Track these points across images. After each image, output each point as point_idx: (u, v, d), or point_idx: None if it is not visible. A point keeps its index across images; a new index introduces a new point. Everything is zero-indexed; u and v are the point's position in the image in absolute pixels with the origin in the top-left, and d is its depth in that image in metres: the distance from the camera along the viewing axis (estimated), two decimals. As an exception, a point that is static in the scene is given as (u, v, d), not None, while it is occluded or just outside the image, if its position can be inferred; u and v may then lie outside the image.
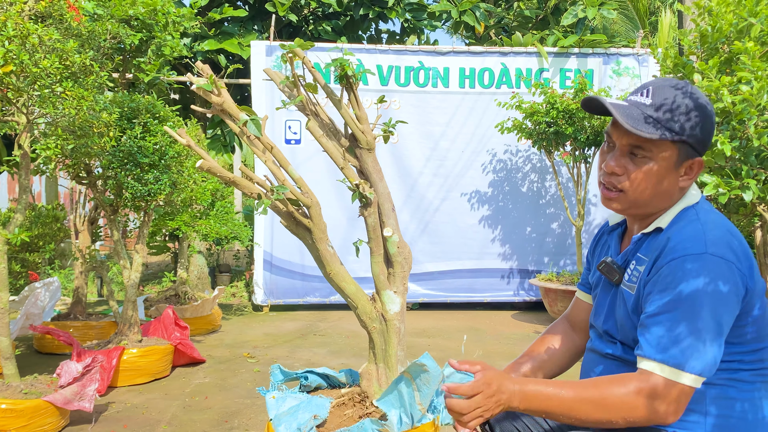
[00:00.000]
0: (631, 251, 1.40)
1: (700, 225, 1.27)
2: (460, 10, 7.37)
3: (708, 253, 1.22)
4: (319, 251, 2.07)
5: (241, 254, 9.16)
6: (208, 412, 3.36)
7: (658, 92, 1.30)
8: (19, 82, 2.63)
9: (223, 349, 4.79)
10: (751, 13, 3.38)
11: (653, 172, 1.30)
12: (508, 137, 6.33)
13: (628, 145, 1.32)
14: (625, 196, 1.34)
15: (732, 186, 3.00)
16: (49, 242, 4.35)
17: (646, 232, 1.37)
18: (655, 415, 1.21)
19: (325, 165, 6.46)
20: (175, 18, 4.73)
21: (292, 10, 7.31)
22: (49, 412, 2.89)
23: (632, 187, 1.32)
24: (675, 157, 1.30)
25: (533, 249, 6.65)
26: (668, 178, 1.31)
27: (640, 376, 1.23)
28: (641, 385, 1.22)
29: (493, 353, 4.70)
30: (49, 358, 4.34)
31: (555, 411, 1.24)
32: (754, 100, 2.91)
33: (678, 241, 1.26)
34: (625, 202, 1.35)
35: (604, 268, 1.43)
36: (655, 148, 1.29)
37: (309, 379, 2.18)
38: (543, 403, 1.24)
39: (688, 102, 1.28)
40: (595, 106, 1.39)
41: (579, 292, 1.68)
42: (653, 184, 1.31)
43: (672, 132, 1.27)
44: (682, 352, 1.20)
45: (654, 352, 1.23)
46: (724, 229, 1.27)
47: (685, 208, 1.34)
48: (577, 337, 1.65)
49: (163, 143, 3.72)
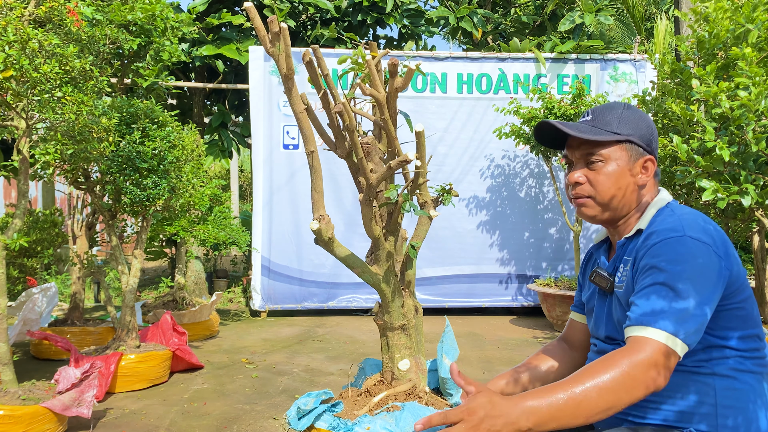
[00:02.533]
0: (618, 256, 1.47)
1: (677, 216, 1.37)
2: (457, 16, 7.40)
3: (686, 235, 1.30)
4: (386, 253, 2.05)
5: (239, 259, 9.15)
6: (207, 418, 3.35)
7: (597, 111, 1.50)
8: (18, 86, 2.62)
9: (221, 354, 4.77)
10: (748, 19, 3.40)
11: (611, 173, 1.43)
12: (506, 143, 6.34)
13: (582, 156, 1.47)
14: (593, 200, 1.46)
15: (730, 191, 3.01)
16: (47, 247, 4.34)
17: (629, 235, 1.45)
18: (652, 382, 1.21)
19: (323, 170, 6.46)
20: (173, 23, 4.73)
21: (291, 16, 7.32)
22: (48, 419, 2.87)
23: (597, 191, 1.45)
24: (626, 156, 1.44)
25: (531, 254, 6.66)
26: (626, 177, 1.44)
27: (633, 347, 1.23)
28: (639, 354, 1.21)
29: (492, 358, 4.69)
30: (47, 364, 4.32)
31: (565, 414, 1.19)
32: (752, 105, 2.92)
33: (657, 230, 1.35)
34: (595, 207, 1.46)
35: (595, 277, 1.51)
36: (605, 151, 1.44)
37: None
38: (551, 410, 1.18)
39: (623, 110, 1.48)
40: (547, 135, 1.54)
41: (573, 314, 1.72)
42: (614, 183, 1.43)
43: (614, 133, 1.44)
44: (673, 319, 1.23)
45: (644, 318, 1.25)
46: (699, 218, 1.37)
47: (660, 208, 1.44)
48: (575, 354, 1.68)
49: (162, 148, 3.72)
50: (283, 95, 6.37)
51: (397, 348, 2.04)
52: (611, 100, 6.19)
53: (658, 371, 1.21)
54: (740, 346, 1.32)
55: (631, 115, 1.47)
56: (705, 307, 1.26)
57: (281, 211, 6.42)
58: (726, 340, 1.32)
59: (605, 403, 1.19)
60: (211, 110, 8.36)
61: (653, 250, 1.32)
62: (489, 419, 1.16)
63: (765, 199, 3.07)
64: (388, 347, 2.05)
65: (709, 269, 1.27)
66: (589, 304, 1.58)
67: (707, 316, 1.26)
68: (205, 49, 6.87)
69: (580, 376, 1.22)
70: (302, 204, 6.43)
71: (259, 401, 3.61)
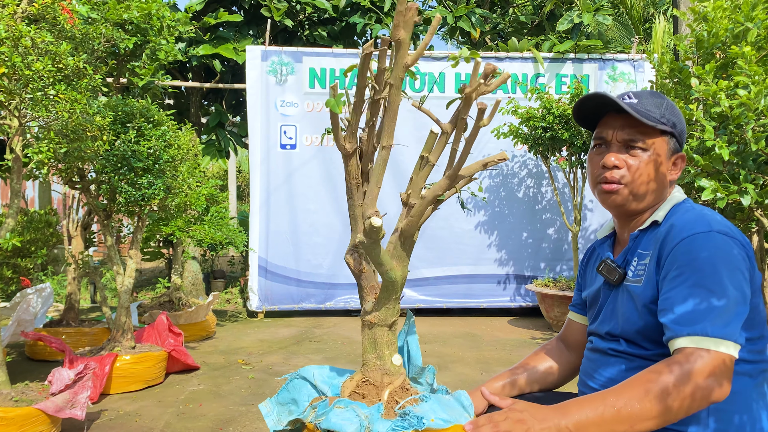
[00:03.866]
0: (630, 249, 1.42)
1: (698, 212, 1.34)
2: (455, 16, 7.38)
3: (714, 230, 1.26)
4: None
5: (236, 260, 9.12)
6: (203, 419, 3.32)
7: (642, 95, 1.42)
8: (11, 84, 2.59)
9: (217, 355, 4.74)
10: (747, 17, 3.38)
11: (650, 163, 1.37)
12: (504, 142, 6.32)
13: (623, 140, 1.39)
14: (625, 188, 1.39)
15: (730, 190, 2.99)
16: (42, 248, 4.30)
17: (643, 228, 1.40)
18: (714, 393, 1.17)
19: (321, 170, 6.44)
20: (170, 22, 4.70)
21: (288, 16, 7.30)
22: (40, 420, 2.84)
23: (633, 178, 1.38)
24: (666, 149, 1.39)
25: (529, 254, 6.63)
26: (661, 170, 1.39)
27: (686, 357, 1.18)
28: (695, 364, 1.17)
29: (489, 359, 4.67)
30: (41, 365, 4.29)
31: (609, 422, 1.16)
32: (752, 104, 2.90)
33: (683, 224, 1.30)
34: (625, 195, 1.40)
35: (604, 268, 1.45)
36: (649, 140, 1.38)
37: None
38: (597, 420, 1.16)
39: (666, 102, 1.42)
40: (586, 108, 1.45)
41: (571, 314, 1.69)
42: (651, 174, 1.37)
43: (663, 123, 1.37)
44: (719, 323, 1.19)
45: (691, 329, 1.20)
46: (720, 216, 1.34)
47: (677, 203, 1.40)
48: (571, 355, 1.66)
49: (158, 147, 3.69)
50: (280, 95, 6.35)
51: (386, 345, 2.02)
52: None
53: (718, 381, 1.17)
54: (744, 349, 1.28)
55: (673, 106, 1.42)
56: (744, 303, 1.22)
57: (278, 211, 6.39)
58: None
59: (655, 412, 1.15)
60: (208, 110, 8.34)
61: (681, 246, 1.27)
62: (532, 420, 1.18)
63: (764, 198, 3.05)
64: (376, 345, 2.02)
65: (740, 264, 1.24)
66: (592, 298, 1.54)
67: (746, 307, 1.23)
68: (201, 49, 6.85)
69: (632, 384, 1.19)
70: (299, 204, 6.41)
71: (255, 403, 3.58)
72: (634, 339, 1.36)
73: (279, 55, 6.35)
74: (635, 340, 1.36)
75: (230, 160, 9.59)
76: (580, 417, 1.16)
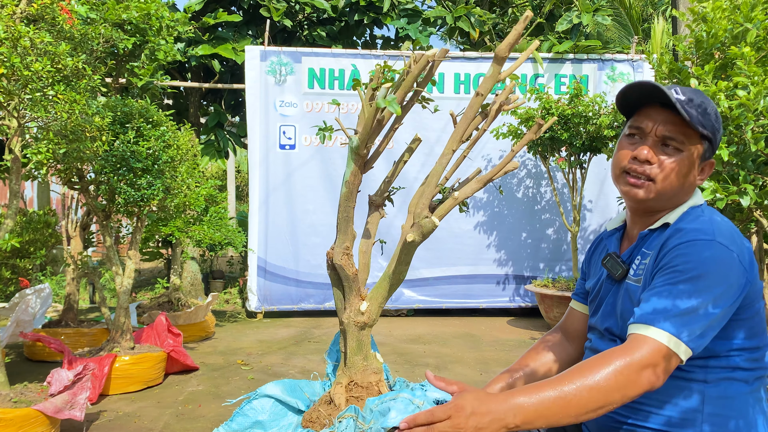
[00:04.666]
0: (637, 247, 1.41)
1: (708, 219, 1.31)
2: (455, 16, 7.38)
3: (716, 240, 1.24)
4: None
5: (235, 260, 9.11)
6: (202, 420, 3.31)
7: (690, 93, 1.35)
8: (10, 85, 2.59)
9: (216, 356, 4.74)
10: (746, 18, 3.38)
11: (683, 164, 1.33)
12: (503, 143, 6.32)
13: (661, 135, 1.34)
14: (653, 185, 1.35)
15: (729, 191, 2.99)
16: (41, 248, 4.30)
17: (653, 227, 1.38)
18: (646, 382, 1.17)
19: (319, 170, 6.44)
20: (169, 22, 4.69)
21: (287, 16, 7.29)
22: (39, 421, 2.83)
23: (662, 176, 1.34)
24: (700, 153, 1.35)
25: (529, 255, 6.63)
26: (692, 173, 1.35)
27: (630, 345, 1.19)
28: (635, 353, 1.17)
29: (489, 359, 4.67)
30: (40, 365, 4.28)
31: (554, 412, 1.16)
32: (751, 105, 2.90)
33: (687, 230, 1.29)
34: (652, 192, 1.36)
35: (609, 261, 1.44)
36: (687, 140, 1.33)
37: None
38: (539, 408, 1.15)
39: (711, 105, 1.35)
40: (631, 94, 1.38)
41: (573, 302, 1.67)
42: (681, 176, 1.34)
43: (705, 128, 1.32)
44: (678, 321, 1.18)
45: (648, 316, 1.21)
46: (730, 226, 1.31)
47: (692, 207, 1.37)
48: (570, 347, 1.64)
49: (157, 148, 3.68)
50: (279, 95, 6.34)
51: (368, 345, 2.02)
52: (609, 101, 6.17)
53: (654, 372, 1.17)
54: (742, 356, 1.29)
55: (715, 113, 1.35)
56: (716, 314, 1.21)
57: (278, 211, 6.38)
58: (729, 349, 1.28)
59: (596, 402, 1.16)
60: (207, 110, 8.33)
61: (679, 249, 1.26)
62: (476, 416, 1.13)
63: (764, 199, 3.05)
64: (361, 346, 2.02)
65: (730, 278, 1.23)
66: (594, 290, 1.53)
67: (718, 322, 1.22)
68: (201, 49, 6.84)
69: (572, 373, 1.19)
70: (298, 204, 6.40)
71: (255, 403, 3.58)
72: None
73: (278, 55, 6.35)
74: None
75: (229, 160, 9.59)
76: (528, 409, 1.14)
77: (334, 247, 1.97)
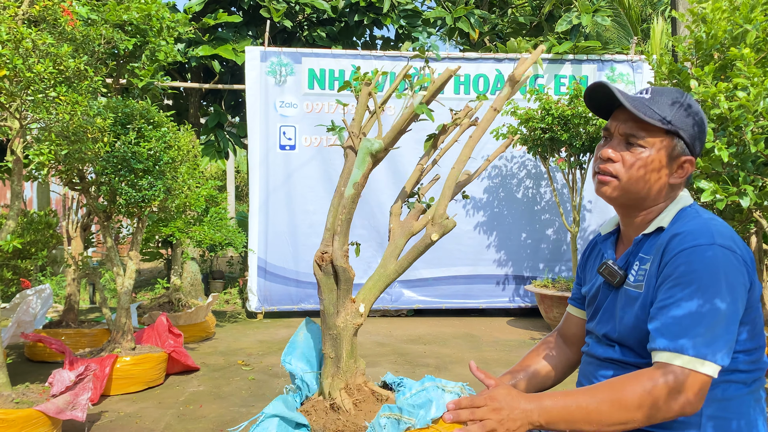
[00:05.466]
0: (633, 252, 1.41)
1: (703, 221, 1.31)
2: (454, 17, 7.39)
3: (716, 244, 1.25)
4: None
5: (235, 261, 9.11)
6: (203, 421, 3.32)
7: (656, 91, 1.39)
8: (12, 86, 2.59)
9: (217, 356, 4.74)
10: (746, 19, 3.39)
11: (647, 161, 1.34)
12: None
13: (624, 133, 1.37)
14: (617, 182, 1.37)
15: (729, 192, 2.99)
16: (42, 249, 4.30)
17: (647, 232, 1.38)
18: (678, 407, 1.19)
19: (319, 171, 6.44)
20: (169, 23, 4.70)
21: (287, 16, 7.30)
22: (41, 422, 2.84)
23: (626, 173, 1.36)
24: (669, 150, 1.35)
25: (528, 255, 6.64)
26: (661, 171, 1.35)
27: (658, 370, 1.21)
28: (661, 378, 1.20)
29: (489, 360, 4.68)
30: (41, 366, 4.29)
31: (576, 419, 1.23)
32: (751, 106, 2.91)
33: (685, 233, 1.29)
34: (618, 188, 1.38)
35: (605, 270, 1.44)
36: (650, 137, 1.34)
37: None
38: (563, 412, 1.23)
39: (684, 100, 1.37)
40: (597, 98, 1.43)
41: (570, 307, 1.69)
42: (646, 172, 1.35)
43: (667, 122, 1.33)
44: (701, 341, 1.19)
45: (670, 343, 1.21)
46: (726, 226, 1.32)
47: (683, 208, 1.37)
48: (569, 351, 1.66)
49: (158, 149, 3.69)
50: (279, 95, 6.35)
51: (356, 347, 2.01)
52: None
53: (685, 396, 1.19)
54: (741, 358, 1.29)
55: (687, 108, 1.36)
56: (734, 323, 1.23)
57: (278, 212, 6.39)
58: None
59: (617, 416, 1.21)
60: (207, 111, 8.33)
61: (681, 257, 1.25)
62: (508, 408, 1.24)
63: (763, 200, 3.06)
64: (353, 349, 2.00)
65: (738, 282, 1.23)
66: (591, 296, 1.53)
67: (736, 326, 1.23)
68: (201, 50, 6.84)
69: (601, 386, 1.25)
70: (298, 205, 6.41)
71: (256, 404, 3.59)
72: (631, 345, 1.35)
73: (278, 55, 6.35)
74: (632, 346, 1.35)
75: (229, 160, 9.59)
76: (552, 412, 1.24)
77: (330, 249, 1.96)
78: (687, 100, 1.37)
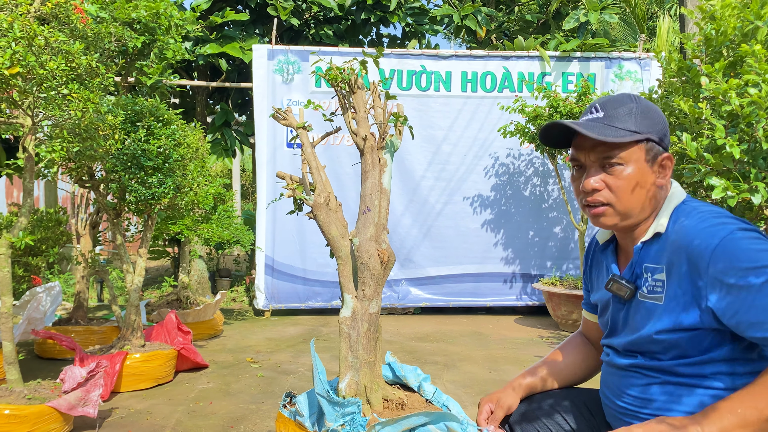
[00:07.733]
0: (637, 262, 1.37)
1: (706, 213, 1.28)
2: (462, 15, 7.38)
3: (735, 229, 1.21)
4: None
5: (241, 259, 9.13)
6: (213, 417, 3.33)
7: (608, 106, 1.35)
8: (25, 83, 2.61)
9: (225, 354, 4.76)
10: (756, 15, 3.38)
11: (632, 177, 1.31)
12: (511, 141, 6.32)
13: (597, 159, 1.34)
14: (612, 209, 1.34)
15: (740, 189, 2.98)
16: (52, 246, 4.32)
17: (646, 239, 1.35)
18: None
19: (327, 169, 6.44)
20: (177, 21, 4.71)
21: (294, 14, 7.30)
22: (53, 418, 2.86)
23: (618, 197, 1.33)
24: (645, 156, 1.32)
25: (536, 253, 6.63)
26: (647, 179, 1.33)
27: None
28: None
29: (498, 358, 4.67)
30: (50, 363, 4.31)
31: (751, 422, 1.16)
32: (763, 102, 2.90)
33: (695, 233, 1.25)
34: (616, 215, 1.35)
35: (613, 286, 1.40)
36: (624, 153, 1.31)
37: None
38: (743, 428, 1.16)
39: (636, 104, 1.34)
40: (553, 135, 1.41)
41: (585, 312, 1.68)
42: (635, 187, 1.32)
43: (633, 132, 1.30)
44: None
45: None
46: (717, 208, 1.30)
47: (676, 206, 1.34)
48: (595, 350, 1.66)
49: (167, 146, 3.70)
50: (286, 94, 6.36)
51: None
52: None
53: None
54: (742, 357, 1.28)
55: (645, 109, 1.34)
56: None
57: (285, 210, 6.40)
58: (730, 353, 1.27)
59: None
60: (214, 109, 8.35)
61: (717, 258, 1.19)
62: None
63: (775, 197, 3.05)
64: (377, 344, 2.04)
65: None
66: (602, 307, 1.51)
67: None
68: (208, 48, 6.85)
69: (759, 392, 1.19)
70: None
71: (265, 401, 3.59)
72: (654, 350, 1.33)
73: (285, 54, 6.36)
74: (654, 352, 1.33)
75: (235, 159, 9.61)
76: (722, 422, 1.16)
77: (385, 246, 2.03)
78: (639, 101, 1.35)
